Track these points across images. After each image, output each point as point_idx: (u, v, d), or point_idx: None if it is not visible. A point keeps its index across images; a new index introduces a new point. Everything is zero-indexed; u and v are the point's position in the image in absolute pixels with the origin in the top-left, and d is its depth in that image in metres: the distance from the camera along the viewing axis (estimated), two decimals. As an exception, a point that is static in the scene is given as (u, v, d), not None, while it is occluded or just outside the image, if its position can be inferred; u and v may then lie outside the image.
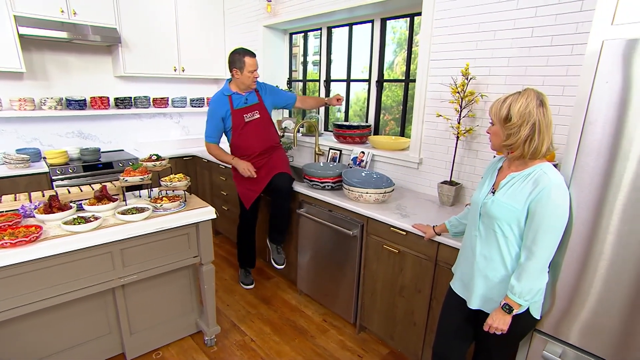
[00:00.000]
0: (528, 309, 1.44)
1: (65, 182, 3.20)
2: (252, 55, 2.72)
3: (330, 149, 3.35)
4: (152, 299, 2.34)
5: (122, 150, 4.10)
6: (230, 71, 2.75)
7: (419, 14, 2.72)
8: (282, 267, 2.98)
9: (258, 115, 2.86)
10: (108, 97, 3.77)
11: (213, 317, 2.48)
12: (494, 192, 1.48)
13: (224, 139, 2.96)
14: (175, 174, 2.41)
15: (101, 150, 3.88)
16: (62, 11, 3.25)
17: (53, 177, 3.15)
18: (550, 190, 1.31)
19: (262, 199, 3.10)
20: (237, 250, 3.24)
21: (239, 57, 2.69)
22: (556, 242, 1.35)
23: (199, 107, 4.51)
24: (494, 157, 1.56)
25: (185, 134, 4.68)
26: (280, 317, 2.83)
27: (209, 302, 2.43)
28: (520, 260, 1.39)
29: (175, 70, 4.09)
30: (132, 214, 2.03)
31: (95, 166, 3.42)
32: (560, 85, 1.99)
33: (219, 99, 2.81)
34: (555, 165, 1.78)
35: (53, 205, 1.90)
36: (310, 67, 4.08)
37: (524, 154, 1.38)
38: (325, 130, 3.88)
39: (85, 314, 2.12)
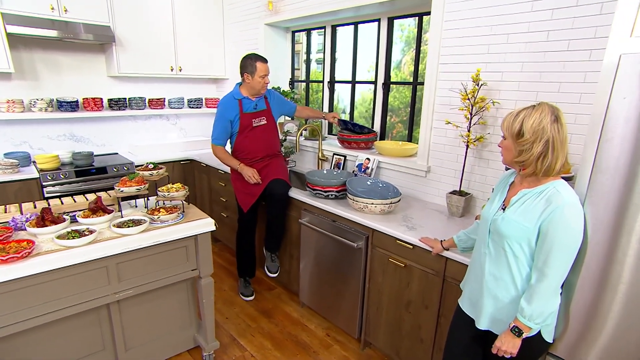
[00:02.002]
0: (540, 331, 1.46)
1: (56, 187, 3.24)
2: (264, 61, 2.84)
3: (334, 154, 3.37)
4: (148, 314, 2.36)
5: (117, 153, 4.13)
6: (242, 75, 2.87)
7: (428, 13, 2.73)
8: (276, 275, 3.06)
9: (265, 122, 2.99)
10: (101, 98, 3.81)
11: (212, 332, 2.51)
12: (504, 209, 1.50)
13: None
14: (172, 183, 2.44)
15: (95, 154, 3.91)
16: (53, 8, 3.28)
17: (44, 183, 3.18)
18: (564, 209, 1.32)
19: (261, 205, 3.14)
20: (236, 259, 3.28)
21: (250, 62, 2.81)
22: (569, 263, 1.36)
23: (197, 108, 4.54)
24: (506, 169, 1.57)
25: (183, 136, 4.72)
26: (281, 331, 2.85)
27: (207, 316, 2.46)
28: (530, 282, 1.40)
29: (172, 69, 4.12)
30: (129, 226, 2.06)
31: (88, 171, 3.45)
32: (577, 93, 2.00)
33: (228, 101, 2.91)
34: (570, 178, 1.81)
35: (46, 218, 1.93)
36: (313, 65, 4.10)
37: (536, 172, 1.39)
38: (329, 133, 3.90)
39: (78, 330, 2.14)
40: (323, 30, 3.74)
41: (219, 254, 4.08)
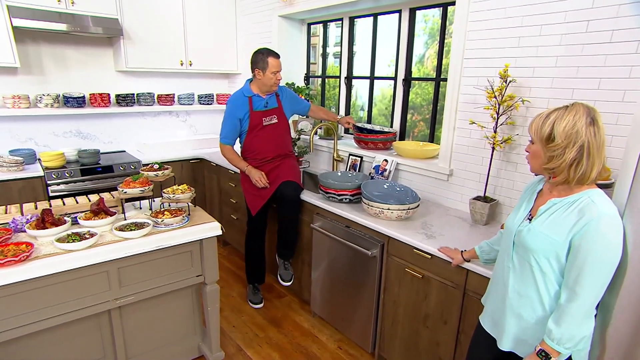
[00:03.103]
0: (570, 356, 1.39)
1: (61, 186, 3.29)
2: (277, 56, 2.82)
3: (350, 155, 3.33)
4: (150, 321, 2.37)
5: (124, 151, 4.18)
6: (252, 71, 2.86)
7: (453, 3, 2.67)
8: (289, 284, 3.02)
9: (276, 120, 2.97)
10: (109, 94, 3.86)
11: (217, 341, 2.51)
12: (530, 219, 1.44)
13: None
14: (180, 184, 2.45)
15: (101, 152, 3.97)
16: (59, 1, 3.33)
17: (48, 182, 3.24)
18: (599, 222, 1.25)
19: (271, 208, 3.13)
20: (245, 264, 3.28)
21: (262, 57, 2.80)
22: (604, 283, 1.29)
23: (207, 104, 4.56)
24: (535, 175, 1.51)
25: (193, 134, 4.75)
26: (290, 342, 2.83)
27: (212, 325, 2.46)
28: (560, 301, 1.34)
29: (181, 64, 4.15)
30: (131, 230, 2.07)
31: (94, 170, 3.50)
32: (620, 90, 1.90)
33: (238, 99, 2.90)
34: (609, 186, 1.72)
35: (46, 220, 1.95)
36: (331, 59, 4.06)
37: (568, 180, 1.33)
38: (345, 133, 3.87)
39: (78, 336, 2.16)
40: (340, 22, 3.70)
41: (228, 257, 4.09)
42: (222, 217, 4.18)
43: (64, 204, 2.22)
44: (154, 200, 2.55)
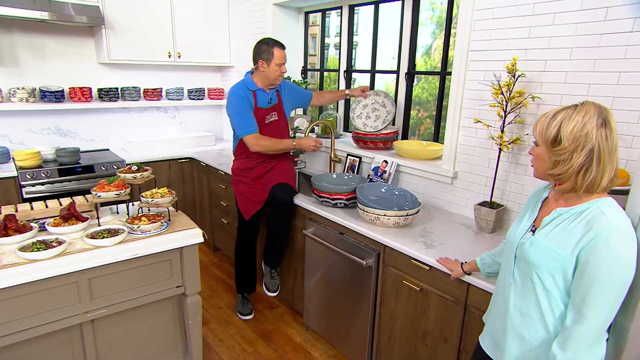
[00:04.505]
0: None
1: (37, 187, 3.27)
2: (283, 47, 2.78)
3: (348, 155, 3.27)
4: (127, 335, 2.33)
5: (108, 149, 4.16)
6: (255, 63, 2.81)
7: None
8: (275, 294, 2.99)
9: (276, 118, 2.95)
10: (90, 88, 3.83)
11: (199, 358, 2.47)
12: (534, 231, 1.38)
13: (229, 136, 2.98)
14: (158, 188, 2.41)
15: (82, 150, 3.95)
16: (35, -13, 3.30)
17: (22, 183, 3.21)
18: (609, 235, 1.19)
19: (264, 212, 3.09)
20: (235, 272, 3.24)
21: (266, 48, 2.75)
22: (615, 303, 1.23)
23: (198, 99, 4.53)
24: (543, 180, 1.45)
25: (182, 131, 4.72)
26: (281, 357, 2.79)
27: (194, 340, 2.42)
28: (565, 323, 1.28)
29: (169, 56, 4.11)
30: (103, 237, 2.03)
31: (73, 170, 3.47)
32: (642, 85, 1.84)
33: (242, 90, 2.80)
34: (627, 192, 1.65)
35: (9, 227, 1.91)
36: (332, 51, 4.01)
37: (575, 187, 1.26)
38: (345, 130, 3.81)
39: (46, 353, 2.10)
40: (340, 10, 3.65)
41: (219, 264, 4.06)
42: (212, 221, 4.14)
43: (32, 209, 2.18)
44: (133, 204, 2.51)
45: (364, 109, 3.22)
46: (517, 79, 2.14)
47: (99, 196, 2.20)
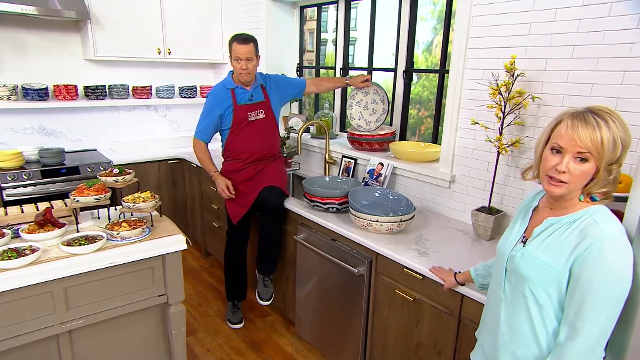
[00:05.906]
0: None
1: (18, 190, 3.26)
2: (242, 41, 2.76)
3: (343, 157, 3.25)
4: (107, 347, 2.31)
5: (95, 150, 4.16)
6: None
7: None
8: (268, 303, 2.98)
9: (263, 116, 2.93)
10: (76, 86, 3.82)
11: (183, 370, 2.46)
12: (525, 242, 1.36)
13: (219, 135, 3.04)
14: (142, 192, 2.40)
15: (68, 151, 3.94)
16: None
17: (3, 185, 3.21)
18: (603, 245, 1.17)
19: (255, 216, 3.08)
20: (225, 279, 3.23)
21: (230, 43, 2.80)
22: (610, 317, 1.20)
23: (190, 97, 4.52)
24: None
25: (173, 131, 4.72)
26: (271, 369, 2.78)
27: (178, 351, 2.41)
28: (559, 339, 1.25)
29: (159, 52, 4.10)
30: (80, 244, 2.01)
31: (57, 171, 3.47)
32: (649, 85, 1.81)
33: (219, 92, 2.88)
34: (623, 199, 1.63)
35: (-20, 234, 1.90)
36: (330, 46, 3.98)
37: (608, 196, 1.27)
38: (341, 130, 3.79)
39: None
40: (336, 5, 3.63)
41: (209, 270, 4.05)
42: (203, 224, 4.13)
43: (6, 214, 2.17)
44: (115, 209, 2.50)
45: (359, 106, 3.22)
46: (516, 79, 2.12)
47: (78, 201, 2.18)
